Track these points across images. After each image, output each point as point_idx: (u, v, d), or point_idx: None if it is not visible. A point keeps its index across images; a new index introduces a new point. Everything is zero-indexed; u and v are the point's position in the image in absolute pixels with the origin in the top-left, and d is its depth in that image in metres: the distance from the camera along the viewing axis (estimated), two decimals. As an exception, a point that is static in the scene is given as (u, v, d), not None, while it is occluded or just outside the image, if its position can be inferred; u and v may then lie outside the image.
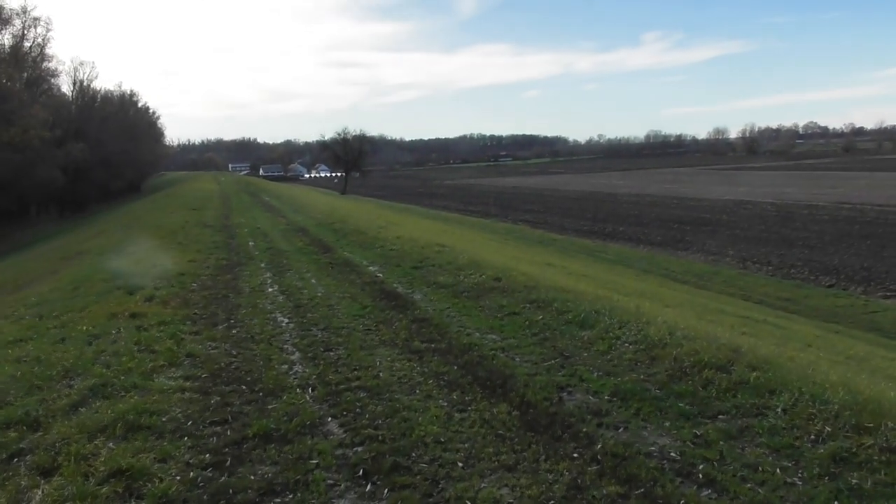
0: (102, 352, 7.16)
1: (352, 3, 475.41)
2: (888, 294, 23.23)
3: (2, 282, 20.23)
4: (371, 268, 13.10)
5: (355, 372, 6.38)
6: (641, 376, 5.77)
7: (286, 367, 6.71)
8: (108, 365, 6.61)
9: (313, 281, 11.91)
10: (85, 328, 8.31)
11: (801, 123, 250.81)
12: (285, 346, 7.50)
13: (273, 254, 15.79)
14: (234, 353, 7.24)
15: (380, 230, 19.65)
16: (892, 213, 42.70)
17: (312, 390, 5.94)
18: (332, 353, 7.10)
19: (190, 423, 5.22)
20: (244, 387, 6.08)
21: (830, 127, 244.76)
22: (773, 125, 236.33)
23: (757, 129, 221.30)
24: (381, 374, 6.27)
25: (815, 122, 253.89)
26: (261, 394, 5.89)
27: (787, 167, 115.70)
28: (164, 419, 5.24)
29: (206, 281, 11.93)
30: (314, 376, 6.33)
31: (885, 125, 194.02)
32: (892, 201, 48.71)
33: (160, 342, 7.48)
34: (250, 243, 18.20)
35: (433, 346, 7.21)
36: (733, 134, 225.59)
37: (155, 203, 48.00)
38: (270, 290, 11.23)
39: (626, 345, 6.61)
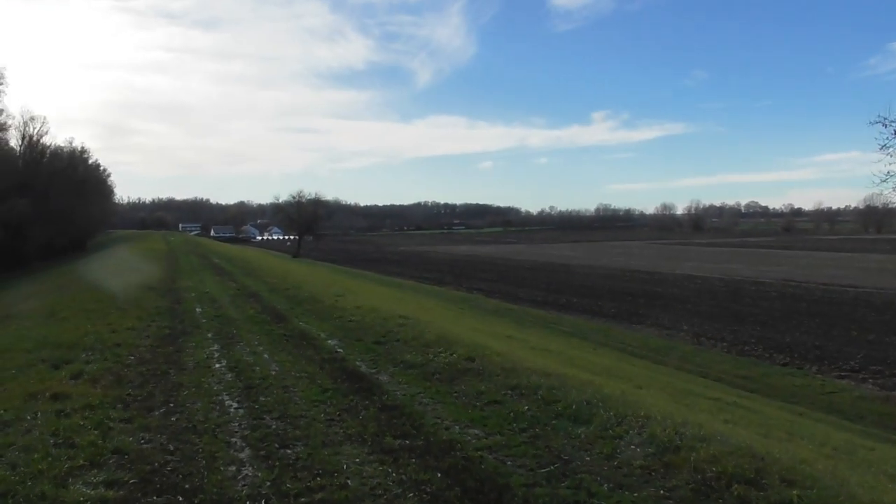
0: (11, 445, 5.96)
1: (307, 71, 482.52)
2: (842, 374, 23.11)
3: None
4: (330, 341, 12.07)
5: (318, 479, 5.31)
6: (661, 491, 4.90)
7: (234, 469, 5.62)
8: (14, 465, 5.43)
9: (266, 356, 10.80)
10: (-5, 411, 7.05)
11: (743, 202, 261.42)
12: (233, 440, 6.40)
13: (222, 322, 14.58)
14: (172, 448, 6.11)
15: (337, 298, 18.63)
16: (837, 292, 43.65)
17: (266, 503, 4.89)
18: (289, 452, 6.02)
19: (108, 553, 4.11)
20: (181, 497, 4.97)
21: (771, 207, 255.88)
22: (717, 203, 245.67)
23: (702, 207, 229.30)
24: (349, 482, 5.23)
25: (757, 202, 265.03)
26: (201, 508, 4.81)
27: (732, 244, 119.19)
28: (74, 549, 4.12)
29: (145, 353, 10.71)
30: (268, 483, 5.26)
31: (822, 207, 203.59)
32: (835, 280, 49.97)
33: (83, 433, 6.29)
34: (197, 309, 16.92)
35: (408, 443, 6.21)
36: (680, 210, 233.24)
37: (99, 262, 45.80)
38: (218, 365, 10.07)
39: (633, 447, 5.77)
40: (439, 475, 5.36)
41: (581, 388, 7.92)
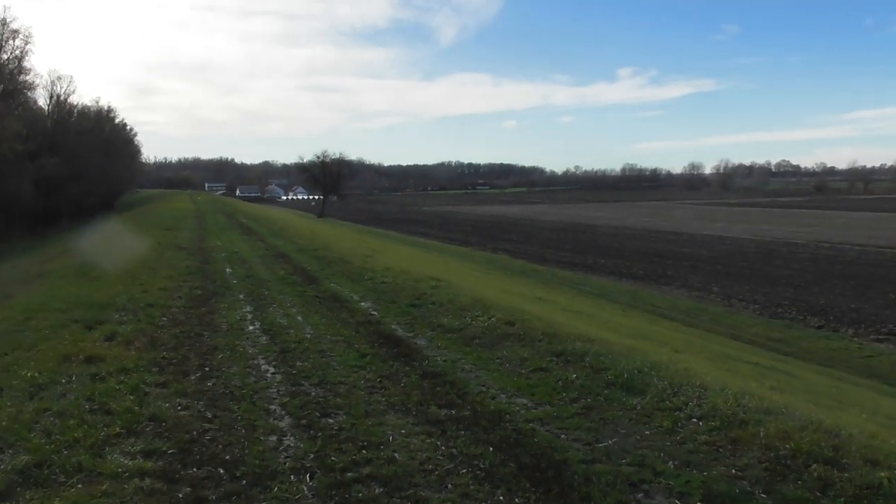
0: (45, 411, 5.77)
1: (331, 29, 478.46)
2: (880, 337, 22.46)
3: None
4: (363, 304, 11.82)
5: (363, 451, 5.06)
6: (732, 470, 4.54)
7: (275, 438, 5.39)
8: (50, 432, 5.24)
9: (300, 318, 10.59)
10: (29, 374, 6.85)
11: (774, 161, 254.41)
12: (272, 408, 6.17)
13: (253, 283, 14.41)
14: (210, 415, 5.89)
15: (366, 259, 18.40)
16: (873, 253, 42.48)
17: (310, 478, 4.63)
18: (331, 421, 5.77)
19: (150, 531, 3.89)
20: (222, 470, 4.74)
21: (802, 166, 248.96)
22: (747, 162, 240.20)
23: (731, 166, 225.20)
24: (396, 456, 4.97)
25: (788, 161, 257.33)
26: (244, 482, 4.57)
27: (762, 204, 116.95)
28: (113, 527, 3.89)
29: (178, 315, 10.55)
30: (311, 455, 5.01)
31: (857, 165, 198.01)
32: (871, 241, 48.67)
33: (118, 398, 6.10)
34: (227, 270, 16.79)
35: (455, 413, 5.93)
36: (708, 170, 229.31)
37: (127, 221, 46.11)
38: (251, 328, 9.89)
39: (695, 420, 5.41)
40: (491, 449, 5.06)
41: (629, 355, 7.57)
